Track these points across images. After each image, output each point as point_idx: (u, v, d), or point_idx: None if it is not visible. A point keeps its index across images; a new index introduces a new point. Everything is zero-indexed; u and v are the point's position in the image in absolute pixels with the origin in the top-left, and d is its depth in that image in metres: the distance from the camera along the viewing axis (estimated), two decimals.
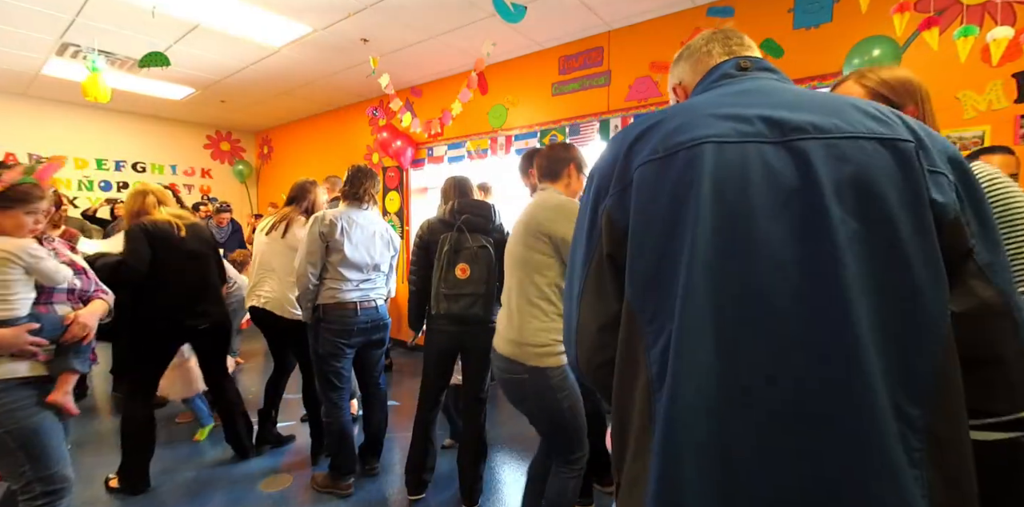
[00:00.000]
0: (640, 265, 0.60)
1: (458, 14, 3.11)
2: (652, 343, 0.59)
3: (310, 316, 2.22)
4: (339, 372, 2.23)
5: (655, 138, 0.62)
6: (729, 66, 0.74)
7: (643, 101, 3.24)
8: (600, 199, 0.66)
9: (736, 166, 0.56)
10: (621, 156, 0.65)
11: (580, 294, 0.69)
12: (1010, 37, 1.94)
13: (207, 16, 3.15)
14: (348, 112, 5.44)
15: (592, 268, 0.67)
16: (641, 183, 0.61)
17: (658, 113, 0.67)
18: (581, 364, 0.71)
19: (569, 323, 0.73)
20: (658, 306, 0.59)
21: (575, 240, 0.74)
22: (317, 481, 2.32)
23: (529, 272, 1.53)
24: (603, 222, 0.65)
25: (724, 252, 0.54)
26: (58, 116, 5.28)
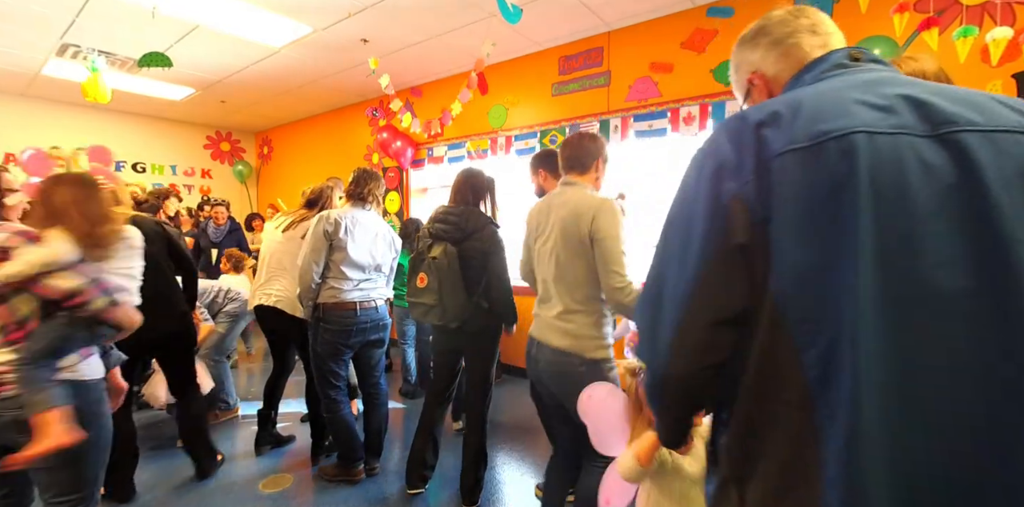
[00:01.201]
0: (793, 258, 0.56)
1: (458, 14, 3.12)
2: (807, 345, 0.55)
3: (310, 314, 2.22)
4: (336, 371, 2.24)
5: (792, 125, 0.58)
6: (842, 56, 0.70)
7: (643, 101, 3.24)
8: (721, 185, 0.60)
9: (891, 160, 0.53)
10: (748, 142, 0.60)
11: (694, 286, 0.61)
12: (1009, 37, 1.94)
13: (207, 16, 3.15)
14: (348, 112, 5.44)
15: (715, 257, 0.60)
16: (785, 173, 0.56)
17: (777, 100, 0.63)
18: (678, 367, 0.64)
19: (659, 319, 0.66)
20: (814, 305, 0.54)
21: (674, 224, 0.68)
22: (327, 472, 2.34)
23: (574, 271, 1.57)
24: (733, 210, 0.59)
25: (890, 251, 0.52)
26: (58, 116, 5.28)
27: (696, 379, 0.63)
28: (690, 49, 3.05)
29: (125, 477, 2.16)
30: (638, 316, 0.72)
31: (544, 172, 2.19)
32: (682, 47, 3.08)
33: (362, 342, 2.27)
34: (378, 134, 4.71)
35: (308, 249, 2.14)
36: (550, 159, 2.22)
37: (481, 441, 2.10)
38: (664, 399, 0.70)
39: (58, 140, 5.28)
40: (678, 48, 3.09)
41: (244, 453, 2.63)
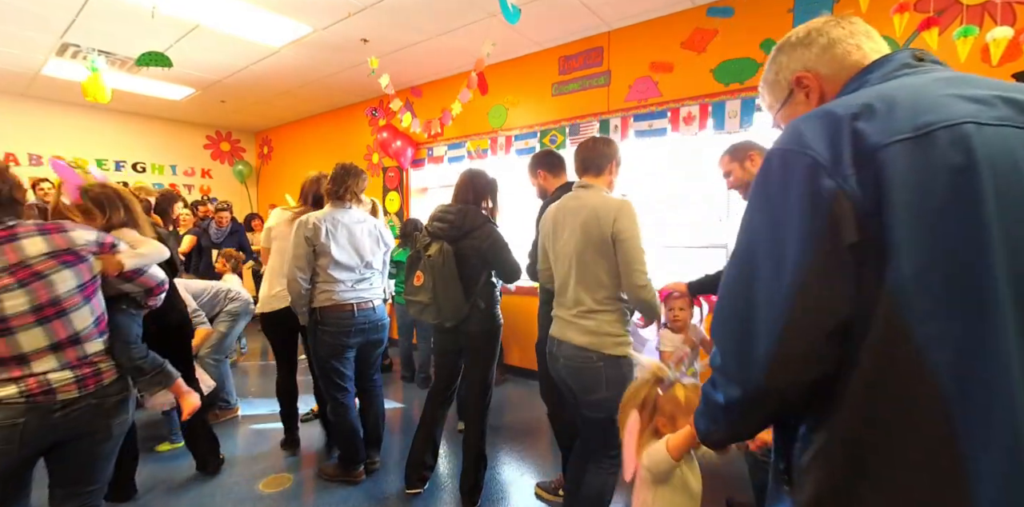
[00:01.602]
0: (914, 251, 0.53)
1: (458, 14, 3.12)
2: (930, 346, 0.52)
3: (306, 319, 2.22)
4: (341, 371, 2.24)
5: (891, 116, 0.56)
6: (906, 56, 0.69)
7: (643, 101, 3.24)
8: (818, 181, 0.57)
9: (1003, 150, 0.53)
10: (843, 135, 0.57)
11: (797, 291, 0.57)
12: (1010, 37, 1.94)
13: (207, 16, 3.15)
14: (348, 112, 5.44)
15: (820, 259, 0.56)
16: (894, 164, 0.54)
17: (861, 94, 0.61)
18: (778, 381, 0.59)
19: (756, 332, 0.60)
20: (942, 299, 0.52)
21: (759, 226, 0.64)
22: (326, 471, 2.35)
23: (596, 271, 1.62)
24: (837, 207, 0.55)
25: (1016, 238, 0.51)
26: (58, 116, 5.28)
27: (797, 394, 0.59)
28: (690, 49, 3.05)
29: (125, 477, 2.15)
30: (719, 327, 0.68)
31: (544, 172, 2.19)
32: (682, 47, 3.08)
33: (361, 342, 2.27)
34: (378, 134, 4.71)
35: (290, 256, 2.12)
36: (548, 159, 2.22)
37: (480, 442, 2.10)
38: (752, 415, 0.65)
39: (58, 140, 5.29)
40: (678, 48, 3.09)
41: (244, 453, 2.63)
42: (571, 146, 3.57)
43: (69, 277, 1.28)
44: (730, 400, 0.66)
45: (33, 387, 1.21)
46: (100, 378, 1.33)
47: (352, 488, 2.28)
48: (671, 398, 1.15)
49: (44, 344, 1.23)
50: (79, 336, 1.29)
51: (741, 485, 2.06)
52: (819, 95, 0.77)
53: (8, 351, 1.18)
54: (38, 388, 1.22)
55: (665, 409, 1.15)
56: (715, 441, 0.77)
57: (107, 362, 1.37)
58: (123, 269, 1.43)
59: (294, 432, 2.68)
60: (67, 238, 1.31)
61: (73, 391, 1.27)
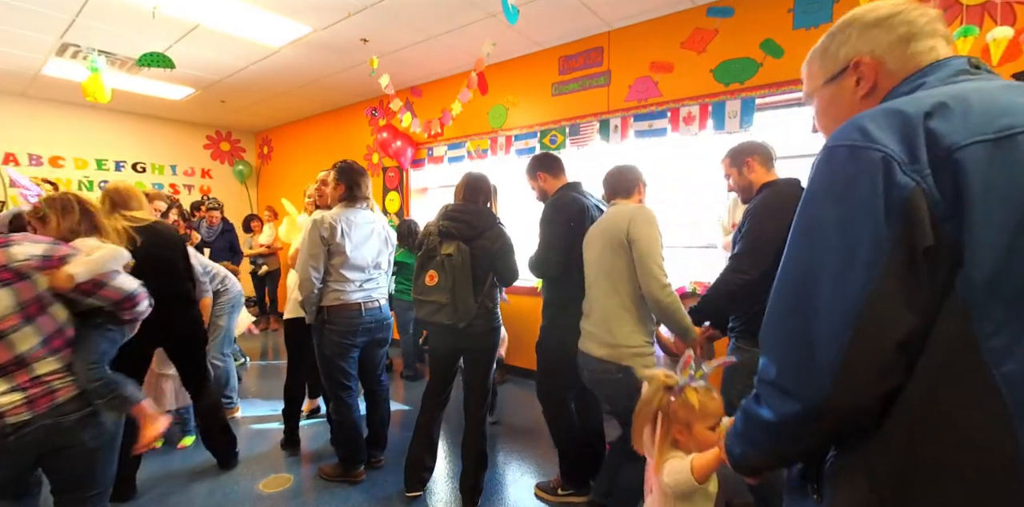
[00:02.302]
0: (994, 257, 0.51)
1: (458, 14, 3.11)
2: (1000, 358, 0.50)
3: (313, 318, 2.22)
4: (346, 371, 2.25)
5: (967, 117, 0.54)
6: (962, 63, 0.66)
7: (643, 101, 3.24)
8: (894, 176, 0.53)
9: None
10: (918, 132, 0.54)
11: (868, 299, 0.53)
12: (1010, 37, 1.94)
13: (207, 16, 3.14)
14: (348, 112, 5.44)
15: (895, 264, 0.52)
16: (975, 166, 0.51)
17: (933, 93, 0.59)
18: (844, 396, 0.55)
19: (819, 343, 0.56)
20: (1011, 310, 0.50)
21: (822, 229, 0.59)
22: (326, 471, 2.35)
23: (615, 281, 1.67)
24: (913, 208, 0.52)
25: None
26: (58, 116, 5.28)
27: (863, 411, 0.55)
28: (690, 49, 3.05)
29: (126, 476, 2.16)
30: (773, 335, 0.64)
31: (543, 174, 2.20)
32: (682, 47, 3.08)
33: (367, 341, 2.28)
34: (378, 134, 4.71)
35: (306, 256, 2.12)
36: (546, 161, 2.23)
37: (481, 442, 2.09)
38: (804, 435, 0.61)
39: (58, 140, 5.29)
40: (678, 48, 3.09)
41: (244, 453, 2.62)
42: (571, 146, 3.57)
43: (4, 297, 1.18)
44: (783, 417, 0.60)
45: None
46: (53, 397, 1.25)
47: (352, 488, 2.28)
48: (684, 404, 1.12)
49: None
50: (23, 358, 1.21)
51: (741, 487, 2.06)
52: (871, 86, 0.71)
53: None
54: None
55: (679, 416, 1.12)
56: (750, 467, 0.71)
57: (64, 379, 1.29)
58: (74, 282, 1.30)
59: (294, 432, 2.68)
60: (6, 253, 1.21)
61: (23, 413, 1.19)
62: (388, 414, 2.53)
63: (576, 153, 3.60)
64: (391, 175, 4.98)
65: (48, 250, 1.30)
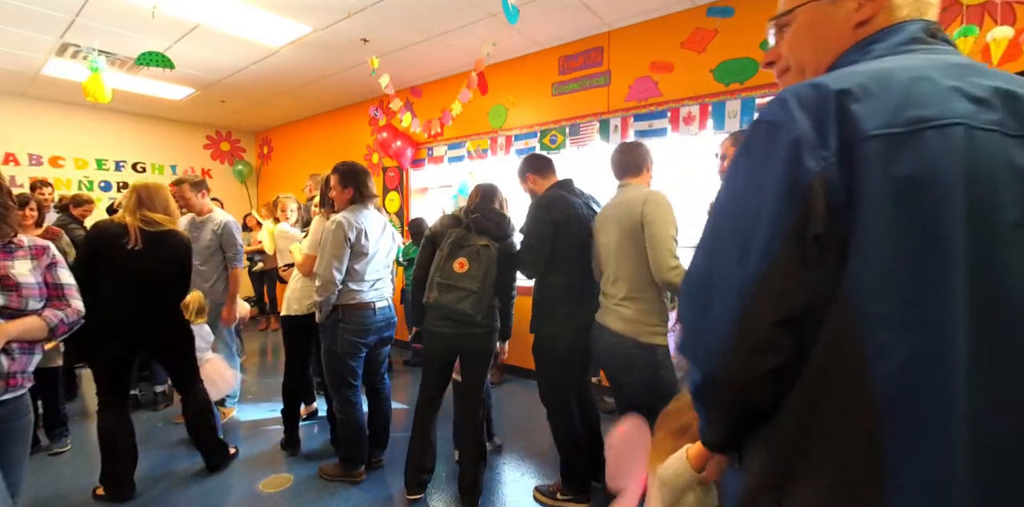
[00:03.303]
0: (878, 256, 0.49)
1: (458, 14, 3.11)
2: (877, 355, 0.49)
3: (325, 318, 2.23)
4: (354, 370, 2.26)
5: (881, 103, 0.51)
6: (919, 29, 0.61)
7: (643, 101, 3.24)
8: (800, 161, 0.52)
9: (986, 160, 0.49)
10: (830, 114, 0.52)
11: (759, 276, 0.53)
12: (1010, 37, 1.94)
13: (207, 16, 3.14)
14: (348, 112, 5.44)
15: (787, 246, 0.52)
16: (875, 159, 0.50)
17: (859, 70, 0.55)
18: (732, 370, 0.56)
19: (711, 317, 0.58)
20: (896, 310, 0.49)
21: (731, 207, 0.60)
22: (326, 471, 2.36)
23: (634, 264, 1.73)
24: (813, 192, 0.51)
25: (979, 263, 0.48)
26: (58, 116, 5.28)
27: (753, 384, 0.56)
28: (690, 49, 3.05)
29: (124, 476, 2.16)
30: (683, 308, 0.65)
31: (532, 176, 2.23)
32: (682, 47, 3.08)
33: (376, 340, 2.30)
34: (378, 134, 4.71)
35: (330, 257, 2.11)
36: (535, 163, 2.26)
37: (480, 444, 2.09)
38: (713, 402, 0.63)
39: (58, 140, 5.29)
40: (678, 48, 3.09)
41: (244, 453, 2.62)
42: (571, 146, 3.57)
43: None
44: (696, 387, 0.63)
45: None
46: None
47: (353, 488, 2.28)
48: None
49: None
50: None
51: None
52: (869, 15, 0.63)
53: None
54: None
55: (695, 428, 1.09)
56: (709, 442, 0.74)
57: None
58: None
59: (294, 432, 2.68)
60: None
61: None
62: (390, 413, 2.54)
63: (576, 153, 3.60)
64: (391, 175, 4.97)
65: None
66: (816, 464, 0.53)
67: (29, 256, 1.43)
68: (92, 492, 2.19)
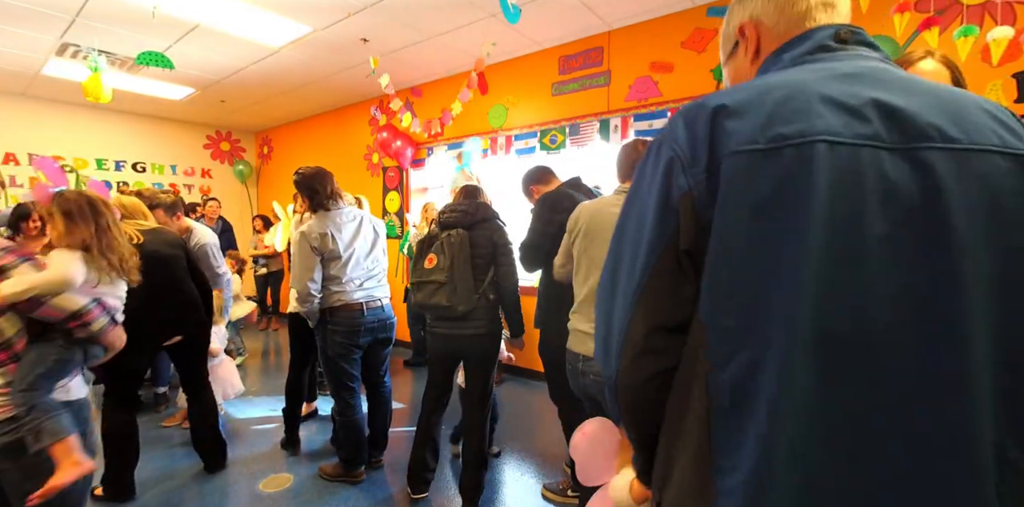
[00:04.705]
0: (725, 273, 0.51)
1: (458, 14, 3.11)
2: (721, 366, 0.51)
3: (315, 322, 2.23)
4: (349, 372, 2.25)
5: (752, 120, 0.51)
6: (826, 36, 0.60)
7: (643, 101, 3.24)
8: (673, 177, 0.54)
9: (850, 175, 0.48)
10: (705, 130, 0.53)
11: (639, 289, 0.57)
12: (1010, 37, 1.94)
13: (207, 16, 3.14)
14: (348, 112, 5.44)
15: (663, 260, 0.55)
16: (735, 177, 0.50)
17: (743, 86, 0.56)
18: (624, 375, 0.59)
19: (611, 324, 0.61)
20: (738, 325, 0.50)
21: (628, 219, 0.62)
22: (326, 471, 2.35)
23: None
24: (683, 210, 0.53)
25: (831, 278, 0.47)
26: (58, 116, 5.27)
27: (645, 389, 0.59)
28: (690, 49, 3.05)
29: (124, 477, 2.16)
30: (596, 314, 0.68)
31: (536, 187, 2.25)
32: (682, 47, 3.08)
33: (370, 341, 2.28)
34: (378, 134, 4.71)
35: (300, 270, 2.10)
36: (536, 175, 2.27)
37: (483, 444, 2.09)
38: (618, 405, 0.65)
39: (58, 140, 5.29)
40: (678, 48, 3.09)
41: (244, 453, 2.63)
42: (571, 146, 3.57)
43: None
44: (607, 387, 0.66)
45: None
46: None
47: (353, 488, 2.28)
48: None
49: None
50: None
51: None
52: (755, 49, 0.67)
53: None
54: None
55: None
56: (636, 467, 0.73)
57: (3, 397, 1.22)
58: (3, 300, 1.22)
59: (294, 432, 2.68)
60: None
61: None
62: (390, 414, 2.53)
63: (576, 153, 3.60)
64: (391, 175, 4.97)
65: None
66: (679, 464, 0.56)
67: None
68: (91, 492, 2.19)
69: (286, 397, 2.66)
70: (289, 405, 2.66)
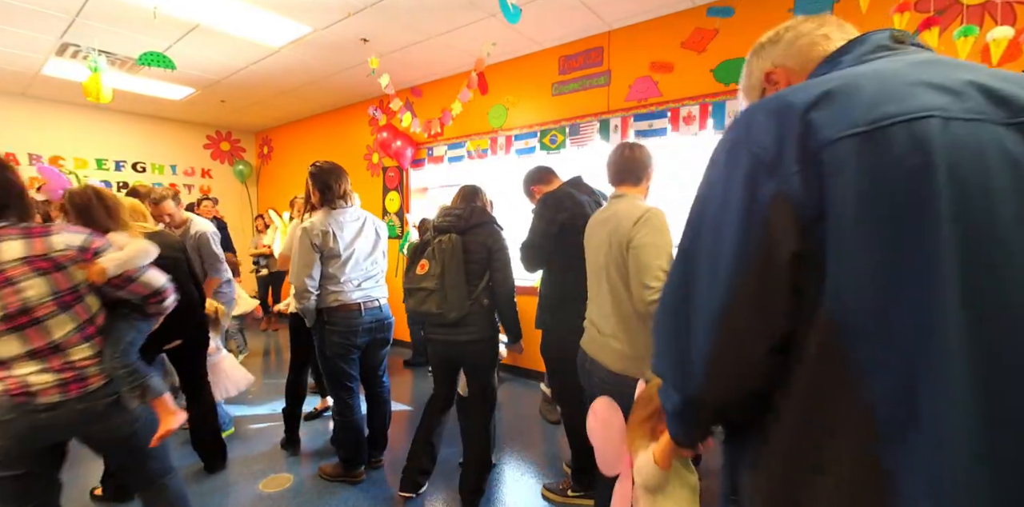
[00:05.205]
0: (855, 268, 0.47)
1: (458, 14, 3.11)
2: (869, 375, 0.46)
3: (312, 322, 2.22)
4: (347, 372, 2.24)
5: (850, 106, 0.48)
6: (883, 38, 0.60)
7: (643, 101, 3.24)
8: (757, 182, 0.50)
9: (972, 151, 0.44)
10: (793, 126, 0.50)
11: (729, 304, 0.52)
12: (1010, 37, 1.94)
13: (207, 16, 3.14)
14: (348, 112, 5.44)
15: (753, 271, 0.51)
16: (841, 164, 0.47)
17: (824, 79, 0.53)
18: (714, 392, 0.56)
19: (693, 341, 0.57)
20: (881, 326, 0.46)
21: (697, 232, 0.58)
22: (326, 471, 2.36)
23: (617, 283, 1.53)
24: (774, 213, 0.49)
25: (972, 262, 0.44)
26: (58, 116, 5.27)
27: (734, 405, 0.57)
28: (690, 49, 3.05)
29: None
30: (658, 327, 0.64)
31: (537, 187, 2.25)
32: (682, 47, 3.08)
33: (368, 342, 2.27)
34: (378, 134, 4.71)
35: (299, 266, 2.09)
36: (536, 175, 2.28)
37: (485, 447, 2.07)
38: (695, 420, 0.65)
39: (58, 140, 5.29)
40: (678, 48, 3.09)
41: (244, 453, 2.63)
42: (571, 146, 3.57)
43: (41, 285, 1.22)
44: (673, 406, 0.65)
45: (12, 387, 1.21)
46: (85, 383, 1.30)
47: (353, 488, 2.28)
48: None
49: (20, 351, 1.21)
50: (58, 344, 1.26)
51: None
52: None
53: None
54: (17, 388, 1.21)
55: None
56: (683, 444, 0.78)
57: (95, 366, 1.33)
58: (107, 277, 1.34)
59: (294, 432, 2.68)
60: (47, 242, 1.24)
61: (55, 395, 1.24)
62: (389, 414, 2.53)
63: (576, 153, 3.60)
64: (391, 175, 4.97)
65: (85, 242, 1.33)
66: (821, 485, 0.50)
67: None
68: (90, 492, 2.19)
69: (286, 397, 2.66)
70: (289, 405, 2.66)
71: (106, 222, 1.63)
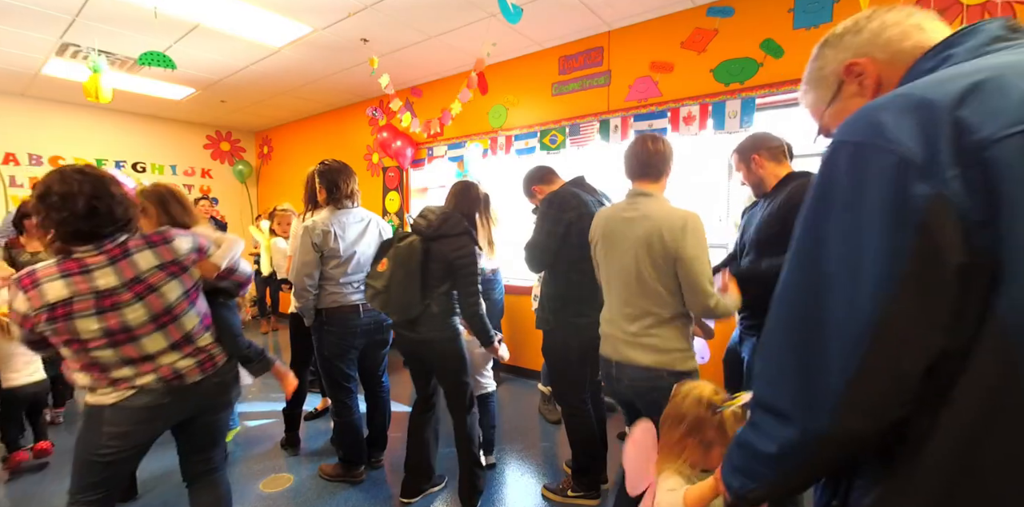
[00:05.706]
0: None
1: (458, 14, 3.11)
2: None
3: (311, 322, 2.22)
4: (345, 372, 2.24)
5: (1005, 101, 0.45)
6: (999, 27, 0.56)
7: (643, 101, 3.24)
8: (908, 184, 0.46)
9: None
10: (942, 125, 0.46)
11: (874, 324, 0.47)
12: None
13: (207, 16, 3.14)
14: (348, 112, 5.44)
15: (912, 284, 0.46)
16: (1010, 164, 0.43)
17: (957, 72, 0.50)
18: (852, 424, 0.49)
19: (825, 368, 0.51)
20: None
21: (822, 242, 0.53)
22: (326, 471, 2.35)
23: (657, 288, 1.53)
24: (933, 218, 0.45)
25: None
26: (58, 116, 5.27)
27: (869, 439, 0.50)
28: (690, 49, 3.05)
29: None
30: (772, 355, 0.58)
31: (538, 187, 2.24)
32: (682, 47, 3.08)
33: (366, 343, 2.27)
34: (378, 134, 4.71)
35: (299, 264, 2.08)
36: (538, 175, 2.27)
37: (471, 448, 2.05)
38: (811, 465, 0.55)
39: (58, 140, 5.29)
40: (678, 48, 3.09)
41: (244, 453, 2.63)
42: (571, 146, 3.57)
43: (176, 287, 1.39)
44: (782, 445, 0.55)
45: (167, 374, 1.38)
46: (215, 361, 1.50)
47: (353, 488, 2.28)
48: (717, 424, 1.06)
49: (164, 345, 1.38)
50: (190, 335, 1.43)
51: None
52: (876, 82, 0.65)
53: (137, 353, 1.33)
54: (171, 375, 1.39)
55: (707, 435, 1.07)
56: (752, 500, 0.64)
57: (217, 348, 1.52)
58: (219, 270, 1.54)
59: (294, 432, 2.68)
60: (171, 249, 1.40)
61: (197, 375, 1.45)
62: (389, 415, 2.53)
63: (576, 153, 3.60)
64: (391, 175, 4.97)
65: (195, 243, 1.47)
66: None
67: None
68: None
69: (287, 397, 2.66)
70: (289, 405, 2.66)
71: (183, 217, 1.75)
